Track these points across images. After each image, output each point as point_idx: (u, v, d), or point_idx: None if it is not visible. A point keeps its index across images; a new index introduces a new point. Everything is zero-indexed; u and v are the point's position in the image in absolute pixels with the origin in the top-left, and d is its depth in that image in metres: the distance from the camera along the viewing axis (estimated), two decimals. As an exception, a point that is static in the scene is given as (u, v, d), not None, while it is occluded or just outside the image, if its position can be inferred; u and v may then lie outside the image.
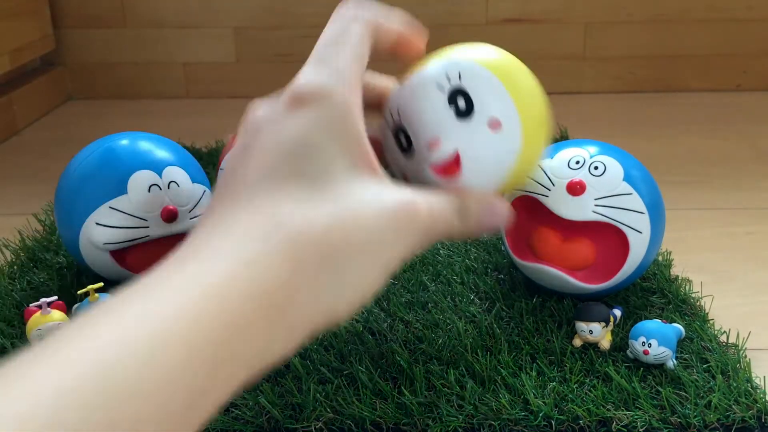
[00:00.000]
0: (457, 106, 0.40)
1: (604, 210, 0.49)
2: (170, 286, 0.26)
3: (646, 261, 0.50)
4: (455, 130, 0.40)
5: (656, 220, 0.50)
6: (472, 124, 0.39)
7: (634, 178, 0.49)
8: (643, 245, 0.49)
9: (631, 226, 0.49)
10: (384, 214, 0.31)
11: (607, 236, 0.49)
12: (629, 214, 0.49)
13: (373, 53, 0.38)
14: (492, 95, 0.40)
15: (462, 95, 0.40)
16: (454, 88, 0.40)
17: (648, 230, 0.49)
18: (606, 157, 0.50)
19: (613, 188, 0.49)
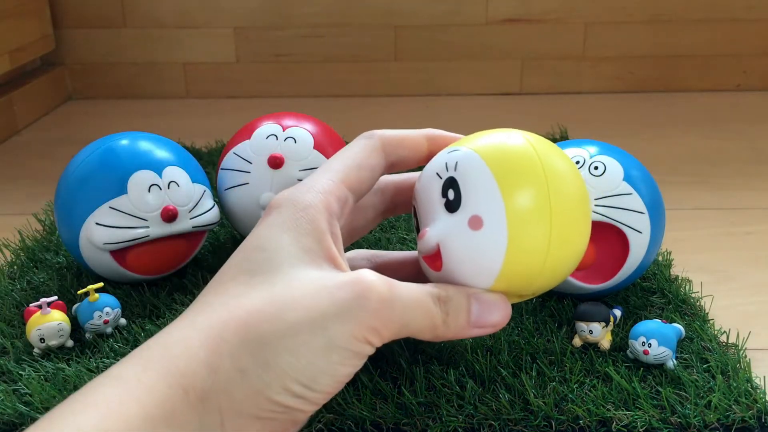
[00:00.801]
0: (447, 198, 0.39)
1: (603, 210, 0.49)
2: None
3: (646, 261, 0.50)
4: (441, 222, 0.38)
5: (656, 220, 0.50)
6: (456, 219, 0.38)
7: (634, 178, 0.50)
8: (643, 245, 0.49)
9: (631, 226, 0.49)
10: (323, 292, 0.31)
11: (607, 236, 0.49)
12: (629, 214, 0.49)
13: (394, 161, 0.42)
14: (479, 191, 0.37)
15: (453, 187, 0.38)
16: (448, 178, 0.39)
17: (648, 230, 0.49)
18: (606, 157, 0.50)
19: (612, 188, 0.49)
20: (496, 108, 1.10)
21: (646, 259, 0.50)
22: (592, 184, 0.49)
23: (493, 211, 0.37)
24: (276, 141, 0.58)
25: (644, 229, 0.49)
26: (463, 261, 0.38)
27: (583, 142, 0.52)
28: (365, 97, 1.17)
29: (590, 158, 0.50)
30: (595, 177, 0.49)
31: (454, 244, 0.38)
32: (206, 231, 0.58)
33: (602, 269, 0.50)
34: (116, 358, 0.48)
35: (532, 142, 0.39)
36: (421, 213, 0.41)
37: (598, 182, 0.49)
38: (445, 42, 1.15)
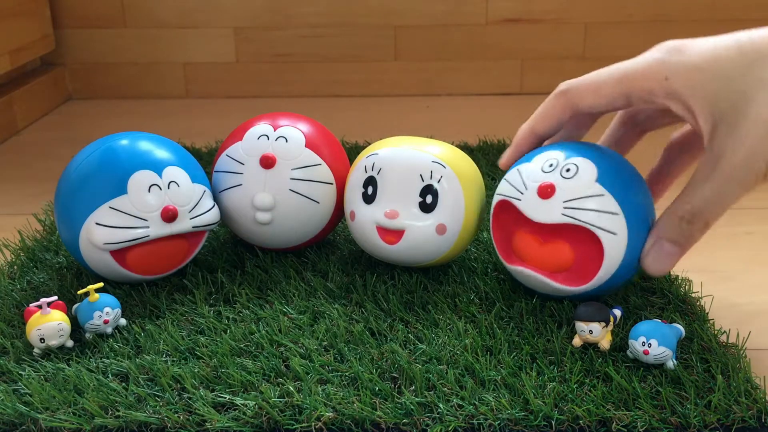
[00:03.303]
0: (424, 199, 0.53)
1: (573, 212, 0.48)
2: None
3: (627, 262, 0.48)
4: (413, 215, 0.54)
5: (636, 221, 0.48)
6: (426, 219, 0.54)
7: (609, 178, 0.48)
8: (619, 247, 0.47)
9: (602, 227, 0.47)
10: None
11: (583, 239, 0.49)
12: (600, 216, 0.47)
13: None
14: (452, 207, 0.54)
15: (432, 194, 0.53)
16: (429, 186, 0.53)
17: (624, 231, 0.47)
18: (581, 158, 0.49)
19: (583, 190, 0.48)
20: (496, 108, 1.10)
21: (627, 260, 0.48)
22: (563, 186, 0.48)
23: (456, 222, 0.54)
24: (267, 141, 0.58)
25: (619, 231, 0.47)
26: (417, 248, 0.54)
27: (563, 145, 0.52)
28: (365, 97, 1.17)
29: (564, 160, 0.49)
30: (566, 179, 0.48)
31: (417, 237, 0.54)
32: (206, 231, 0.58)
33: (582, 272, 0.49)
34: (116, 358, 0.48)
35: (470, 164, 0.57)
36: (387, 191, 0.54)
37: (568, 184, 0.48)
38: (445, 42, 1.15)
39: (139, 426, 0.42)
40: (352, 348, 0.48)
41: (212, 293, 0.56)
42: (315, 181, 0.58)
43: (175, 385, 0.45)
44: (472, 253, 0.61)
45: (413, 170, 0.54)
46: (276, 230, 0.59)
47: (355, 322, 0.51)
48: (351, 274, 0.58)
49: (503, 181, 0.53)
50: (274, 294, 0.55)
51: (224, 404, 0.44)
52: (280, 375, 0.46)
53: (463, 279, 0.57)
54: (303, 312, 0.53)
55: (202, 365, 0.47)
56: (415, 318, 0.52)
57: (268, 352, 0.48)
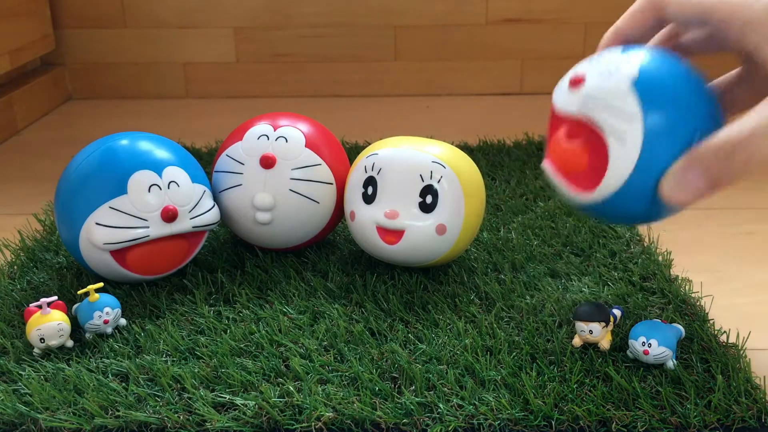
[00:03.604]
0: (424, 199, 0.54)
1: (588, 108, 0.42)
2: None
3: (639, 178, 0.41)
4: (412, 215, 0.54)
5: (663, 135, 0.41)
6: (426, 219, 0.54)
7: (649, 82, 0.41)
8: (626, 156, 0.41)
9: (610, 129, 0.41)
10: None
11: (602, 143, 0.43)
12: (613, 117, 0.41)
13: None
14: (452, 207, 0.54)
15: (432, 194, 0.54)
16: (429, 186, 0.54)
17: (637, 141, 0.41)
18: (631, 55, 0.43)
19: (609, 87, 0.42)
20: (496, 108, 1.10)
21: (640, 176, 0.41)
22: (592, 81, 0.43)
23: (456, 223, 0.54)
24: (267, 141, 0.58)
25: (630, 138, 0.41)
26: (417, 248, 0.55)
27: (634, 47, 0.45)
28: (365, 97, 1.17)
29: (615, 56, 0.44)
30: (601, 74, 0.43)
31: (417, 238, 0.54)
32: (206, 231, 0.58)
33: (590, 178, 0.44)
34: (116, 358, 0.48)
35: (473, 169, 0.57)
36: (386, 191, 0.55)
37: (598, 79, 0.43)
38: (445, 42, 1.15)
39: (139, 426, 0.42)
40: (352, 348, 0.48)
41: (212, 293, 0.56)
42: (315, 181, 0.58)
43: (175, 385, 0.45)
44: (472, 253, 0.61)
45: (413, 170, 0.54)
46: (276, 230, 0.59)
47: (355, 322, 0.51)
48: (351, 274, 0.58)
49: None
50: (274, 294, 0.55)
51: (224, 404, 0.44)
52: (280, 375, 0.46)
53: (463, 279, 0.57)
54: (303, 312, 0.53)
55: (202, 365, 0.47)
56: (415, 318, 0.52)
57: (268, 352, 0.48)
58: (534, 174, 0.78)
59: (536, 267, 0.58)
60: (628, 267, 0.58)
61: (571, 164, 0.45)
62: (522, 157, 0.83)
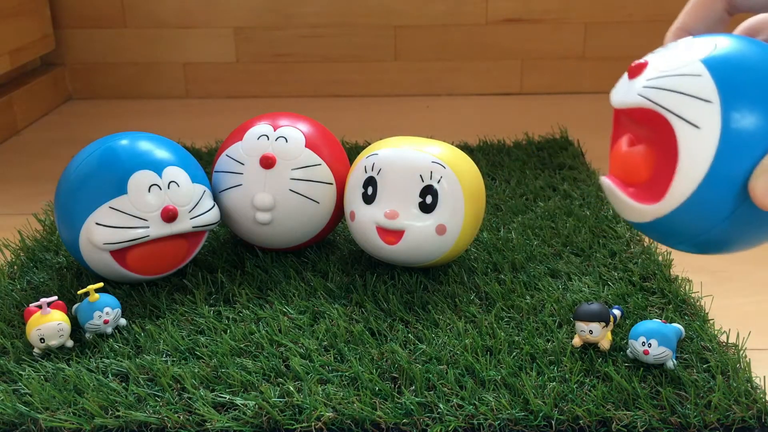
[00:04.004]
0: (424, 200, 0.54)
1: (649, 92, 0.34)
2: None
3: (719, 176, 0.32)
4: (412, 215, 0.54)
5: (749, 121, 0.32)
6: (426, 220, 0.54)
7: (723, 59, 0.34)
8: (702, 147, 0.32)
9: (680, 114, 0.33)
10: None
11: (670, 140, 0.34)
12: (683, 100, 0.33)
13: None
14: (452, 208, 0.54)
15: (432, 194, 0.54)
16: (429, 186, 0.54)
17: (716, 127, 0.32)
18: (704, 37, 0.36)
19: (675, 66, 0.35)
20: (496, 108, 1.10)
21: (719, 173, 0.32)
22: (655, 63, 0.36)
23: (455, 223, 0.55)
24: (267, 141, 0.58)
25: (706, 125, 0.32)
26: (417, 248, 0.55)
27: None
28: (365, 97, 1.17)
29: (684, 41, 0.37)
30: (664, 56, 0.36)
31: (417, 238, 0.55)
32: (206, 231, 0.58)
33: (657, 185, 0.35)
34: (116, 358, 0.48)
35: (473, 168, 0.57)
36: (386, 192, 0.55)
37: (661, 60, 0.36)
38: (445, 42, 1.15)
39: (139, 426, 0.42)
40: (352, 348, 0.48)
41: (212, 293, 0.56)
42: (315, 181, 0.58)
43: (175, 385, 0.45)
44: (472, 253, 0.61)
45: (413, 170, 0.54)
46: (276, 230, 0.59)
47: (355, 322, 0.51)
48: (351, 274, 0.58)
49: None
50: (274, 294, 0.55)
51: (224, 404, 0.44)
52: (280, 375, 0.46)
53: (463, 279, 0.57)
54: (303, 312, 0.53)
55: (202, 365, 0.47)
56: (415, 318, 0.52)
57: (268, 352, 0.48)
58: (534, 174, 0.78)
59: (536, 267, 0.58)
60: (628, 267, 0.58)
61: (632, 171, 0.36)
62: (522, 157, 0.83)
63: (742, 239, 0.35)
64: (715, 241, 0.35)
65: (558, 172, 0.78)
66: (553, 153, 0.83)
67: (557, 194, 0.72)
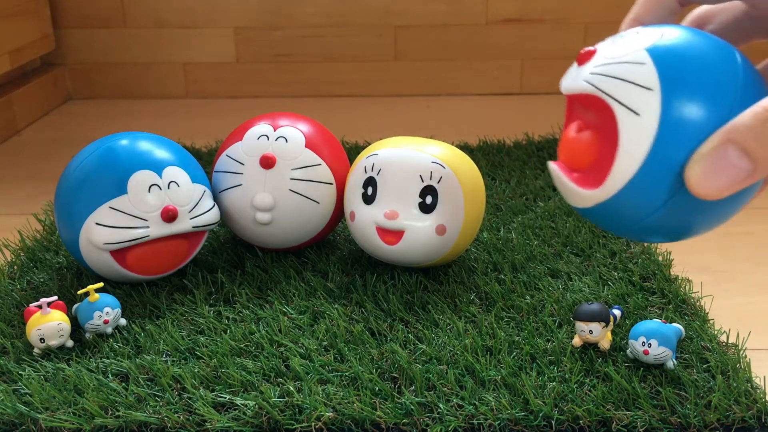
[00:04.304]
0: (424, 200, 0.54)
1: (594, 78, 0.35)
2: None
3: (657, 163, 0.33)
4: (413, 215, 0.54)
5: (687, 109, 0.32)
6: (426, 220, 0.54)
7: (668, 50, 0.34)
8: (641, 133, 0.33)
9: (620, 100, 0.34)
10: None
11: (612, 125, 0.35)
12: (626, 87, 0.34)
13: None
14: (452, 207, 0.54)
15: (432, 194, 0.54)
16: (429, 185, 0.54)
17: (655, 115, 0.33)
18: (653, 28, 0.36)
19: (620, 55, 0.35)
20: (496, 108, 1.10)
21: (657, 160, 0.33)
22: (603, 52, 0.36)
23: (455, 223, 0.55)
24: (267, 141, 0.58)
25: (644, 111, 0.33)
26: (417, 249, 0.55)
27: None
28: (365, 97, 1.17)
29: (637, 29, 0.37)
30: (613, 44, 0.36)
31: (417, 238, 0.54)
32: (206, 231, 0.58)
33: (598, 170, 0.35)
34: (116, 358, 0.48)
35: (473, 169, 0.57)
36: (386, 192, 0.55)
37: (609, 49, 0.36)
38: (445, 42, 1.15)
39: (139, 426, 0.42)
40: (352, 348, 0.48)
41: (212, 293, 0.56)
42: (315, 181, 0.58)
43: (175, 385, 0.45)
44: (472, 253, 0.61)
45: (413, 171, 0.54)
46: (276, 230, 0.59)
47: (355, 322, 0.51)
48: (351, 274, 0.58)
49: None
50: (274, 294, 0.55)
51: (224, 404, 0.44)
52: (280, 375, 0.46)
53: (463, 279, 0.57)
54: (303, 312, 0.53)
55: (202, 365, 0.47)
56: (415, 318, 0.52)
57: (268, 352, 0.48)
58: (534, 174, 0.78)
59: (536, 267, 0.58)
60: (628, 267, 0.58)
61: (577, 157, 0.36)
62: (522, 157, 0.83)
63: (681, 227, 0.35)
64: (655, 228, 0.35)
65: (558, 172, 0.78)
66: (552, 153, 0.83)
67: (557, 194, 0.72)
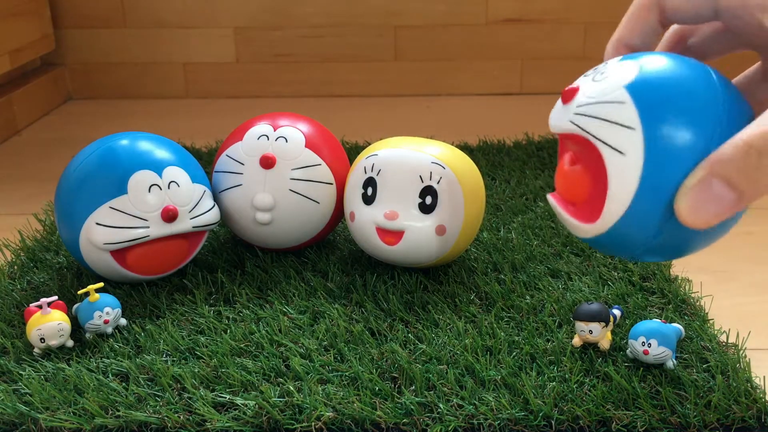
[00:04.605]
0: (424, 200, 0.54)
1: (579, 119, 0.36)
2: None
3: (647, 199, 0.34)
4: (412, 216, 0.54)
5: (669, 145, 0.34)
6: (426, 220, 0.54)
7: (647, 85, 0.35)
8: (627, 172, 0.34)
9: (605, 141, 0.35)
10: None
11: (600, 163, 0.36)
12: (608, 127, 0.35)
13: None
14: (452, 208, 0.54)
15: (431, 195, 0.54)
16: (429, 187, 0.54)
17: (639, 153, 0.34)
18: (631, 61, 0.37)
19: (601, 94, 0.36)
20: (496, 108, 1.10)
21: (647, 196, 0.34)
22: (585, 90, 0.37)
23: (455, 223, 0.55)
24: (267, 141, 0.58)
25: (630, 150, 0.34)
26: (417, 249, 0.55)
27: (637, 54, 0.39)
28: (365, 97, 1.17)
29: (614, 64, 0.39)
30: (595, 82, 0.37)
31: (417, 238, 0.54)
32: (206, 231, 0.58)
33: (594, 205, 0.37)
34: (116, 358, 0.48)
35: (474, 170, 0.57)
36: (385, 193, 0.55)
37: (591, 87, 0.37)
38: (445, 42, 1.15)
39: (139, 426, 0.42)
40: (352, 348, 0.48)
41: (212, 293, 0.56)
42: (315, 181, 0.58)
43: (175, 385, 0.45)
44: (472, 253, 0.61)
45: (413, 171, 0.54)
46: (276, 230, 0.59)
47: (355, 322, 0.51)
48: (351, 274, 0.58)
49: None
50: (274, 294, 0.55)
51: (224, 404, 0.44)
52: (280, 375, 0.46)
53: (463, 279, 0.57)
54: (303, 312, 0.53)
55: (202, 365, 0.47)
56: (415, 318, 0.52)
57: (268, 352, 0.48)
58: (534, 174, 0.78)
59: (536, 267, 0.58)
60: (628, 267, 0.58)
61: (572, 191, 0.38)
62: (522, 157, 0.83)
63: (679, 248, 0.36)
64: (654, 251, 0.37)
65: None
66: (553, 153, 0.83)
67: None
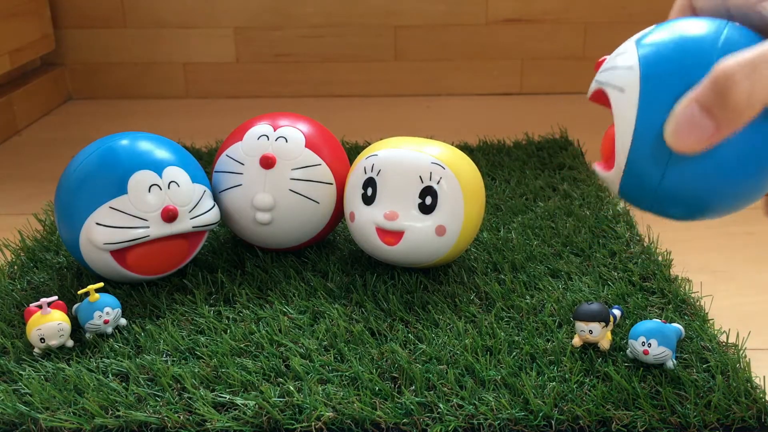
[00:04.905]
0: (424, 201, 0.54)
1: (599, 76, 0.40)
2: None
3: (646, 133, 0.35)
4: (412, 216, 0.54)
5: (664, 79, 0.35)
6: (426, 221, 0.54)
7: (650, 34, 0.37)
8: (628, 105, 0.36)
9: (610, 83, 0.38)
10: None
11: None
12: (615, 72, 0.38)
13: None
14: (451, 209, 0.54)
15: (431, 195, 0.54)
16: (429, 187, 0.54)
17: (634, 89, 0.36)
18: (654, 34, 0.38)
19: (618, 51, 0.39)
20: (496, 108, 1.10)
21: (646, 130, 0.35)
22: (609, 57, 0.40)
23: (455, 224, 0.54)
24: (267, 141, 0.58)
25: (627, 87, 0.36)
26: (417, 249, 0.55)
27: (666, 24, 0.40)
28: (365, 97, 1.17)
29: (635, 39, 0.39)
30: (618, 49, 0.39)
31: (417, 239, 0.54)
32: (206, 231, 0.58)
33: (611, 153, 0.38)
34: (116, 358, 0.48)
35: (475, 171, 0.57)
36: (385, 192, 0.55)
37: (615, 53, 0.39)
38: (445, 42, 1.15)
39: (139, 426, 0.42)
40: (352, 348, 0.48)
41: (212, 293, 0.56)
42: (315, 181, 0.58)
43: (175, 385, 0.45)
44: (472, 253, 0.61)
45: (413, 171, 0.54)
46: (276, 230, 0.59)
47: (355, 322, 0.51)
48: (351, 274, 0.58)
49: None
50: (274, 294, 0.55)
51: (224, 404, 0.44)
52: (280, 375, 0.46)
53: (463, 279, 0.57)
54: (303, 312, 0.53)
55: (202, 365, 0.47)
56: (415, 318, 0.52)
57: (268, 352, 0.48)
58: (534, 174, 0.78)
59: (536, 267, 0.58)
60: (628, 267, 0.58)
61: (603, 149, 0.40)
62: (522, 157, 0.83)
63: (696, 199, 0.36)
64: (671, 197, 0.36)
65: (558, 172, 0.78)
66: (553, 153, 0.83)
67: (557, 194, 0.72)
